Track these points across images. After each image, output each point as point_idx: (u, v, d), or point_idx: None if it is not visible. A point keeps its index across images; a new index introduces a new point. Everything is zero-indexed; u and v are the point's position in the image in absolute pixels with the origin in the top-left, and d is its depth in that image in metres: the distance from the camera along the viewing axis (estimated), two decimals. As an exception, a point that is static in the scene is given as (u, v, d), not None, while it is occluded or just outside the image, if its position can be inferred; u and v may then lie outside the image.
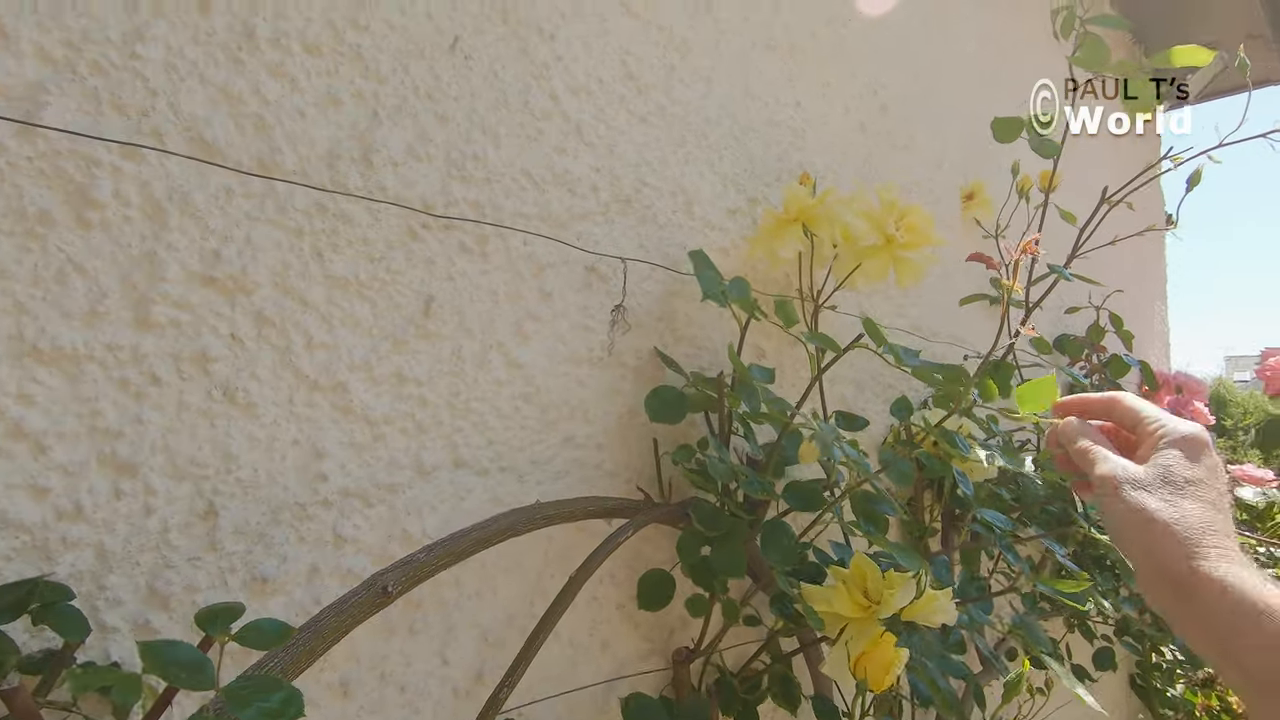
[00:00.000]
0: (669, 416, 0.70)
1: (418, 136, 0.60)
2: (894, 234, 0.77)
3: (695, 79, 0.84)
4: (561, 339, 0.69)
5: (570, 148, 0.71)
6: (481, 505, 0.63)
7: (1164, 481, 0.42)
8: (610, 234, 0.74)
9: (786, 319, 0.66)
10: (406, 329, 0.58)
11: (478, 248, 0.63)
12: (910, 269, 0.80)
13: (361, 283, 0.56)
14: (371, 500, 0.56)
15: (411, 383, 0.59)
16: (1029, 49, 1.68)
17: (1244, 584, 0.37)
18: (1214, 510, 0.41)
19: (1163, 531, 0.40)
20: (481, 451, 0.63)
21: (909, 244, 0.78)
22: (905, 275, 0.80)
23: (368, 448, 0.56)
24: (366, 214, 0.56)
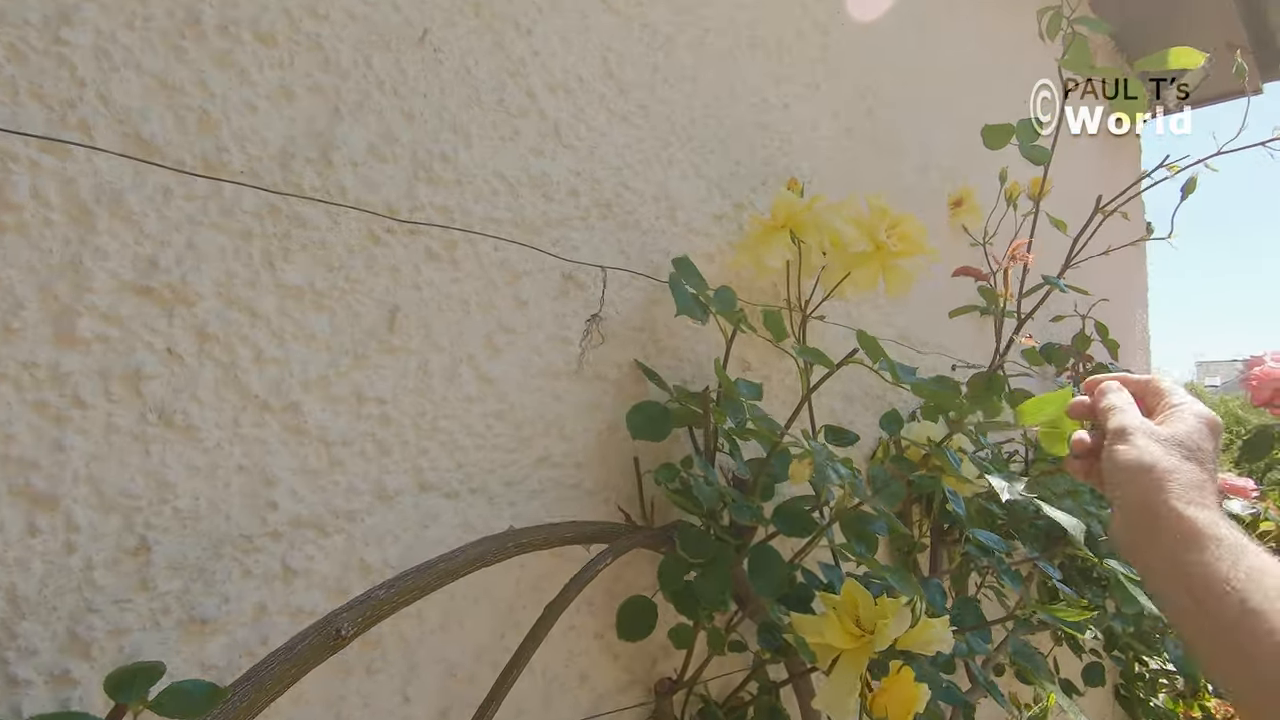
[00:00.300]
0: (652, 434, 0.66)
1: (381, 135, 0.55)
2: (885, 242, 0.74)
3: (680, 78, 0.80)
4: (537, 351, 0.65)
5: (548, 149, 0.67)
6: (450, 531, 0.58)
7: (1176, 442, 0.44)
8: (589, 240, 0.70)
9: (776, 332, 0.62)
10: (368, 342, 0.54)
11: (446, 254, 0.59)
12: (901, 278, 0.77)
13: (318, 292, 0.51)
14: (327, 529, 0.51)
15: (373, 401, 0.54)
16: (1017, 54, 1.66)
17: (1219, 528, 0.38)
18: (1209, 478, 0.43)
19: (1159, 475, 0.42)
20: (450, 473, 0.59)
21: (900, 252, 0.75)
22: (895, 284, 0.77)
23: (323, 472, 0.51)
24: (324, 217, 0.52)
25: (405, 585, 0.47)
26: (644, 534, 0.63)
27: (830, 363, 0.57)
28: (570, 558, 0.65)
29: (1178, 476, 0.41)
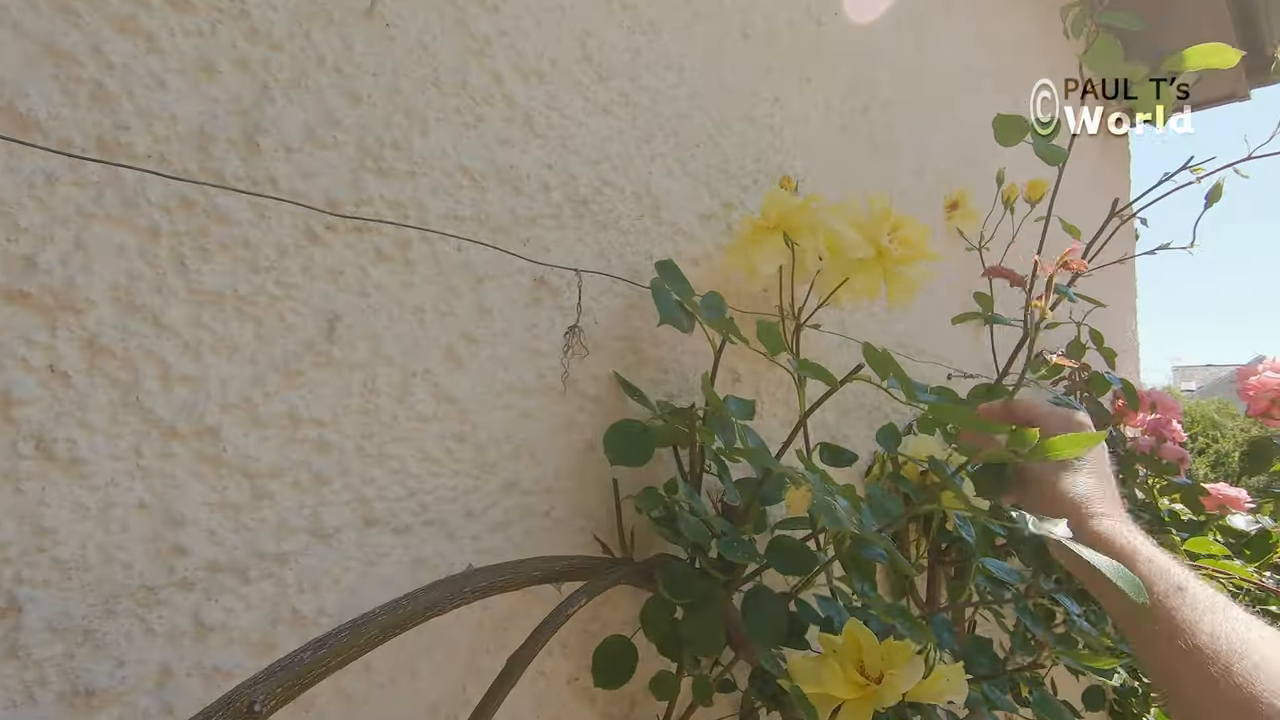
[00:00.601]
0: (632, 457, 0.59)
1: (322, 118, 0.48)
2: (887, 247, 0.68)
3: (664, 66, 0.74)
4: (503, 364, 0.58)
5: (516, 139, 0.60)
6: (400, 571, 0.51)
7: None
8: (563, 241, 0.63)
9: (771, 345, 0.56)
10: (302, 356, 0.47)
11: (399, 255, 0.52)
12: (904, 286, 0.70)
13: (242, 298, 0.44)
14: (250, 575, 0.44)
15: (309, 423, 0.47)
16: (1014, 56, 1.62)
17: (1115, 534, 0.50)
18: (1100, 482, 0.54)
19: (1061, 496, 0.53)
20: (400, 504, 0.52)
21: (903, 258, 0.69)
22: (898, 292, 0.70)
23: (246, 508, 0.44)
24: (250, 211, 0.45)
25: (338, 644, 0.40)
26: (623, 570, 0.56)
27: (833, 379, 0.50)
28: (540, 594, 0.58)
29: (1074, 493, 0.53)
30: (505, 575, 0.50)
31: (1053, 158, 0.88)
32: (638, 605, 0.67)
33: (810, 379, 0.62)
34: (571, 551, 0.62)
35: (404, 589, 0.49)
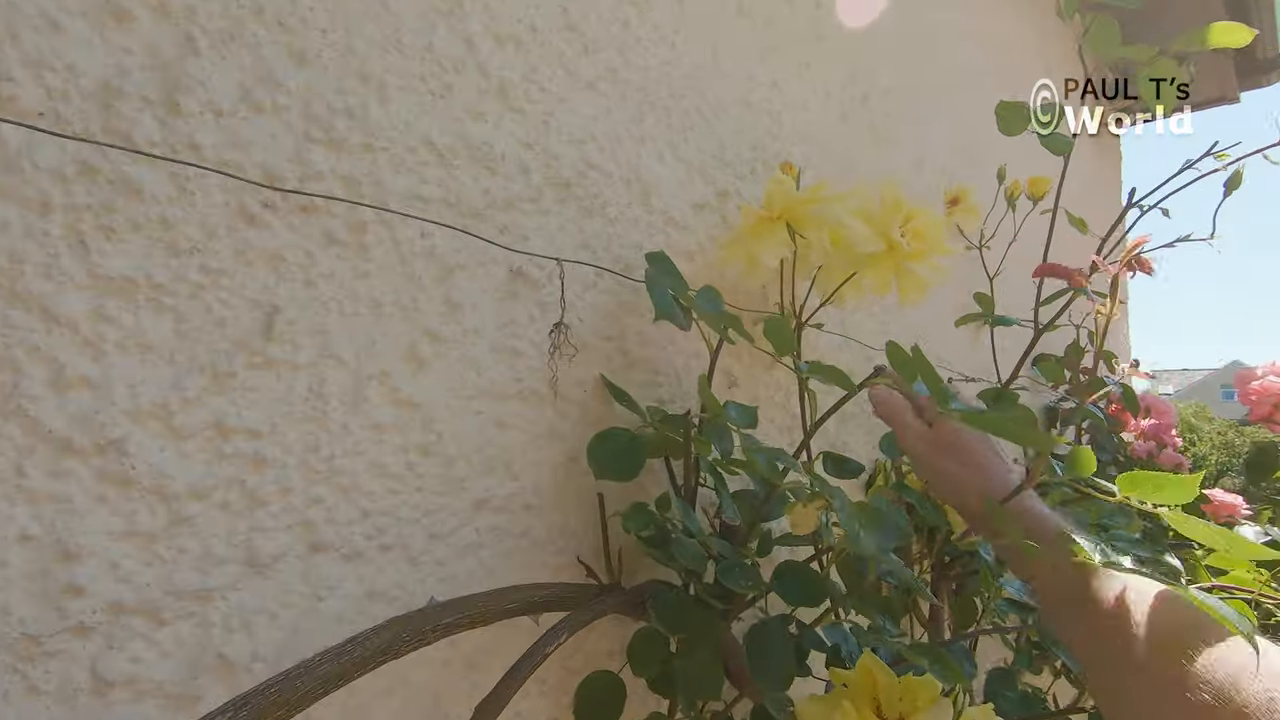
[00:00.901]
0: (620, 470, 0.52)
1: (260, 78, 0.41)
2: (899, 241, 0.62)
3: (656, 41, 0.68)
4: (475, 366, 0.52)
5: (490, 112, 0.53)
6: (351, 605, 0.44)
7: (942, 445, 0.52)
8: (544, 228, 0.57)
9: (780, 344, 0.50)
10: (234, 355, 0.40)
11: (352, 239, 0.45)
12: (915, 284, 0.64)
13: (157, 286, 0.37)
14: (166, 615, 0.37)
15: (241, 434, 0.40)
16: (1011, 53, 1.57)
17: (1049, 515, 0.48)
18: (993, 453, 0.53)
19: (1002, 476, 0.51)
20: (353, 527, 0.45)
21: (916, 253, 0.63)
22: (909, 291, 0.64)
23: (161, 536, 0.37)
24: (169, 184, 0.38)
25: (265, 703, 0.33)
26: (609, 599, 0.49)
27: (850, 383, 0.44)
28: (517, 623, 0.51)
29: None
30: (474, 609, 0.43)
31: (1059, 148, 0.83)
32: (625, 633, 0.61)
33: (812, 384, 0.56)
34: (552, 576, 0.56)
35: (356, 626, 0.43)
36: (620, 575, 0.56)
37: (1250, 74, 2.44)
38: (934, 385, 0.41)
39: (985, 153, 1.37)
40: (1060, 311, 0.82)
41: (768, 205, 0.63)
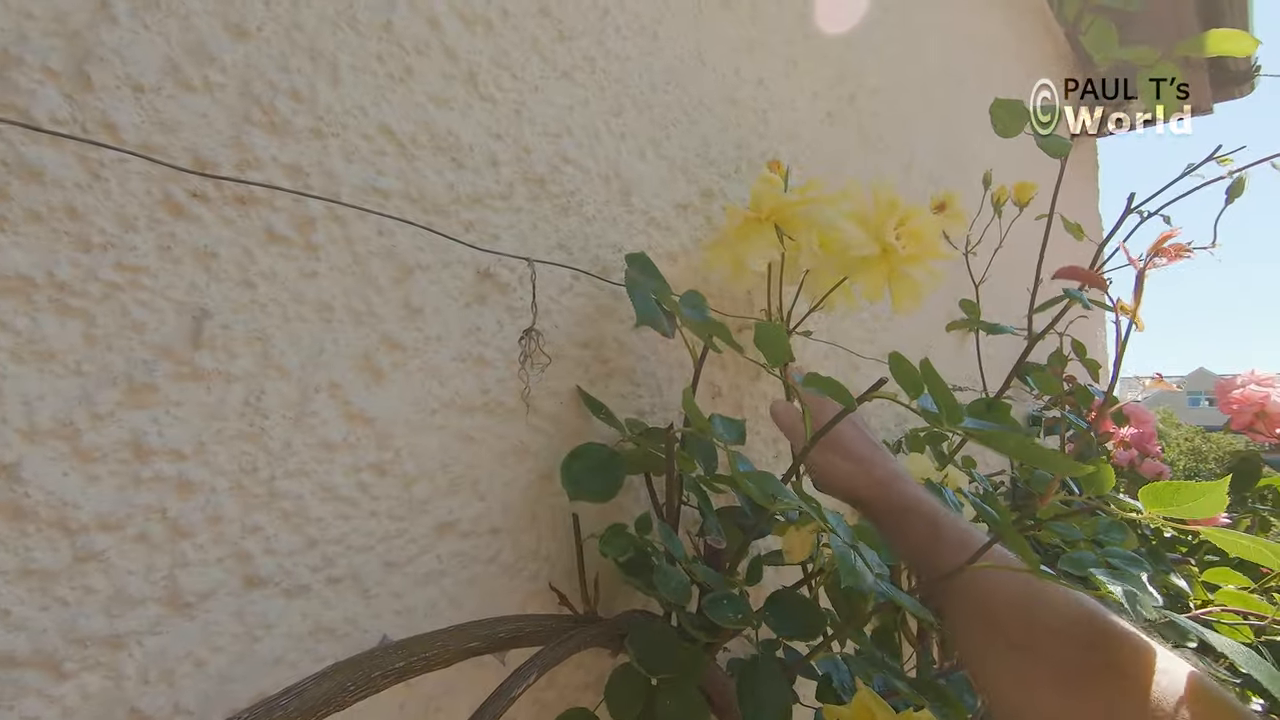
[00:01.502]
0: (597, 490, 0.48)
1: (189, 50, 0.36)
2: (894, 244, 0.58)
3: (636, 31, 0.64)
4: (438, 376, 0.47)
5: (457, 99, 0.49)
6: (292, 645, 0.39)
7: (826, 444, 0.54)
8: (515, 226, 0.52)
9: (773, 353, 0.46)
10: (155, 365, 0.35)
11: (298, 236, 0.40)
12: (910, 290, 0.61)
13: (61, 286, 0.32)
14: (68, 667, 0.32)
15: (163, 455, 0.35)
16: (996, 52, 1.56)
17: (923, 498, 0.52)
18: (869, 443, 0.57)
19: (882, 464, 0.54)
20: (296, 558, 0.40)
21: (911, 257, 0.59)
22: (904, 297, 0.61)
23: (63, 575, 0.32)
24: (79, 168, 0.33)
25: (178, 775, 0.28)
26: (584, 633, 0.45)
27: (849, 397, 0.40)
28: (480, 661, 0.46)
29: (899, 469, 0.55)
30: (430, 650, 0.39)
31: (1057, 150, 0.80)
32: (603, 665, 0.56)
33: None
34: (522, 605, 0.51)
35: (300, 669, 0.38)
36: (597, 603, 0.52)
37: (1223, 85, 2.47)
38: (943, 399, 0.38)
39: (969, 159, 1.36)
40: (1057, 318, 0.79)
41: (755, 206, 0.59)
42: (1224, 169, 0.74)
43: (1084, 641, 0.40)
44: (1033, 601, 0.42)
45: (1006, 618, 0.42)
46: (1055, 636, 0.41)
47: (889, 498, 0.53)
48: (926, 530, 0.50)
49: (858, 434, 0.57)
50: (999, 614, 0.43)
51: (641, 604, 0.59)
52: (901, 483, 0.54)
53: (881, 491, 0.53)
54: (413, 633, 0.44)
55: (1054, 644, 0.41)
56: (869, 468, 0.55)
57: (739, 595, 0.44)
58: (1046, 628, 0.41)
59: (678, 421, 0.64)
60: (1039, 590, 0.42)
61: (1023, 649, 0.42)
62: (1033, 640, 0.41)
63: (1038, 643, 0.41)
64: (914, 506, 0.52)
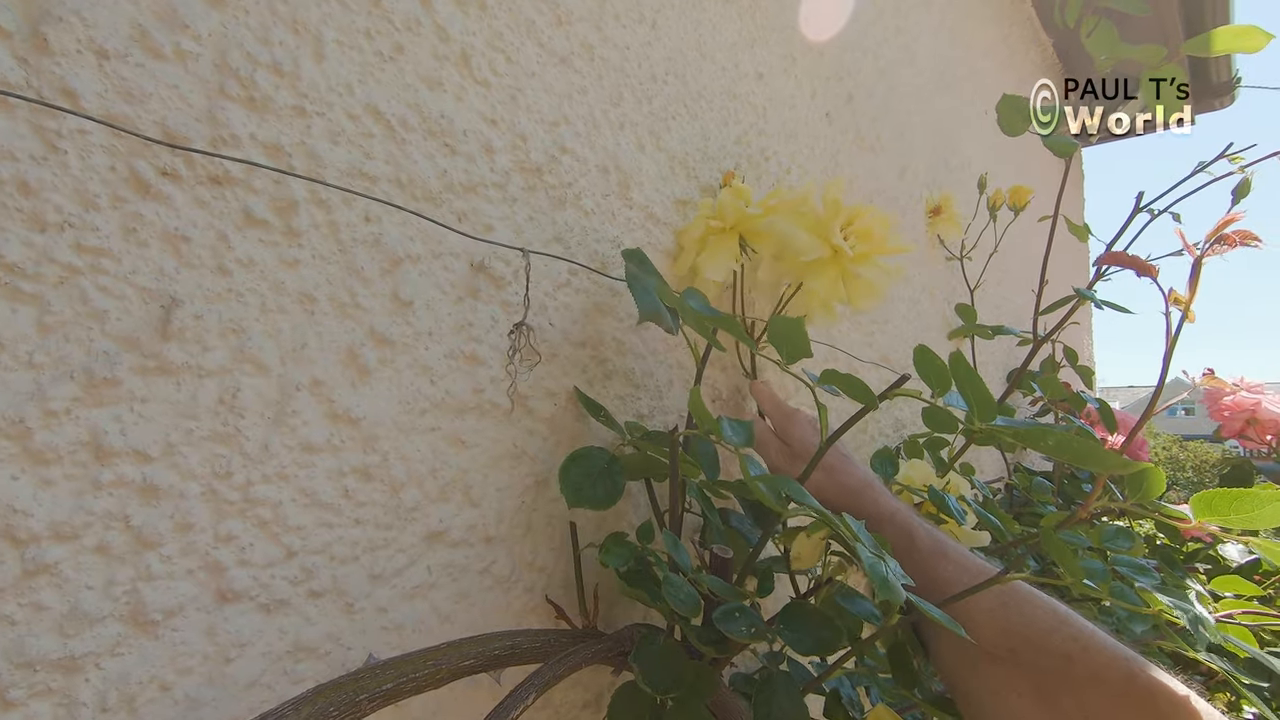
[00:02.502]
0: (598, 497, 0.45)
1: (160, 16, 0.33)
2: (841, 245, 0.56)
3: (636, 19, 0.61)
4: (429, 374, 0.44)
5: (449, 81, 0.46)
6: (269, 666, 0.36)
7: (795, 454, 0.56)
8: (511, 218, 0.49)
9: (791, 349, 0.43)
10: (118, 357, 0.32)
11: (278, 220, 0.37)
12: (865, 289, 0.59)
13: (13, 269, 0.29)
14: (15, 695, 0.28)
15: (125, 457, 0.32)
16: (987, 59, 1.56)
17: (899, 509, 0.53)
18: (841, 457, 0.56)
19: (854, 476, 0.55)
20: (274, 570, 0.36)
21: (861, 255, 0.57)
22: (859, 296, 0.59)
23: (9, 591, 0.29)
24: (33, 138, 0.30)
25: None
26: (585, 649, 0.42)
27: (871, 396, 0.38)
28: (473, 680, 0.43)
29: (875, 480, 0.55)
30: (421, 670, 0.36)
31: (1062, 150, 0.79)
32: (601, 682, 0.53)
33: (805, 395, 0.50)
34: (517, 620, 0.48)
35: (277, 692, 0.35)
36: (596, 617, 0.49)
37: (1204, 96, 2.50)
38: (975, 394, 0.35)
39: (960, 164, 1.35)
40: (1064, 320, 0.78)
41: (720, 215, 0.57)
42: (1233, 167, 0.72)
43: (1062, 652, 0.40)
44: (1009, 612, 0.43)
45: (985, 629, 0.43)
46: (1033, 647, 0.41)
47: (861, 506, 0.52)
48: (901, 540, 0.50)
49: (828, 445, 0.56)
50: (977, 626, 0.43)
51: (641, 617, 0.56)
52: (873, 491, 0.54)
53: (853, 500, 0.53)
54: (400, 650, 0.41)
55: (1033, 654, 0.41)
56: (840, 477, 0.54)
57: (750, 608, 0.41)
58: (1025, 639, 0.42)
59: (678, 425, 0.61)
60: (1014, 601, 0.43)
61: (1001, 660, 0.42)
62: (1011, 652, 0.42)
63: (1017, 653, 0.41)
64: (887, 516, 0.52)
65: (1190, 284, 0.31)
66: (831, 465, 0.55)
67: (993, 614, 0.43)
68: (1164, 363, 0.33)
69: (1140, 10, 0.78)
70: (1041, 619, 0.41)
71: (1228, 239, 0.30)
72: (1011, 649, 0.41)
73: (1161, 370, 0.34)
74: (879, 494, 0.53)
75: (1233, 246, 0.30)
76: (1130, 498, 0.35)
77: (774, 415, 0.59)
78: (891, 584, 0.31)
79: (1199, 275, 0.31)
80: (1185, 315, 0.31)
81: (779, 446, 0.57)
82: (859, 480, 0.54)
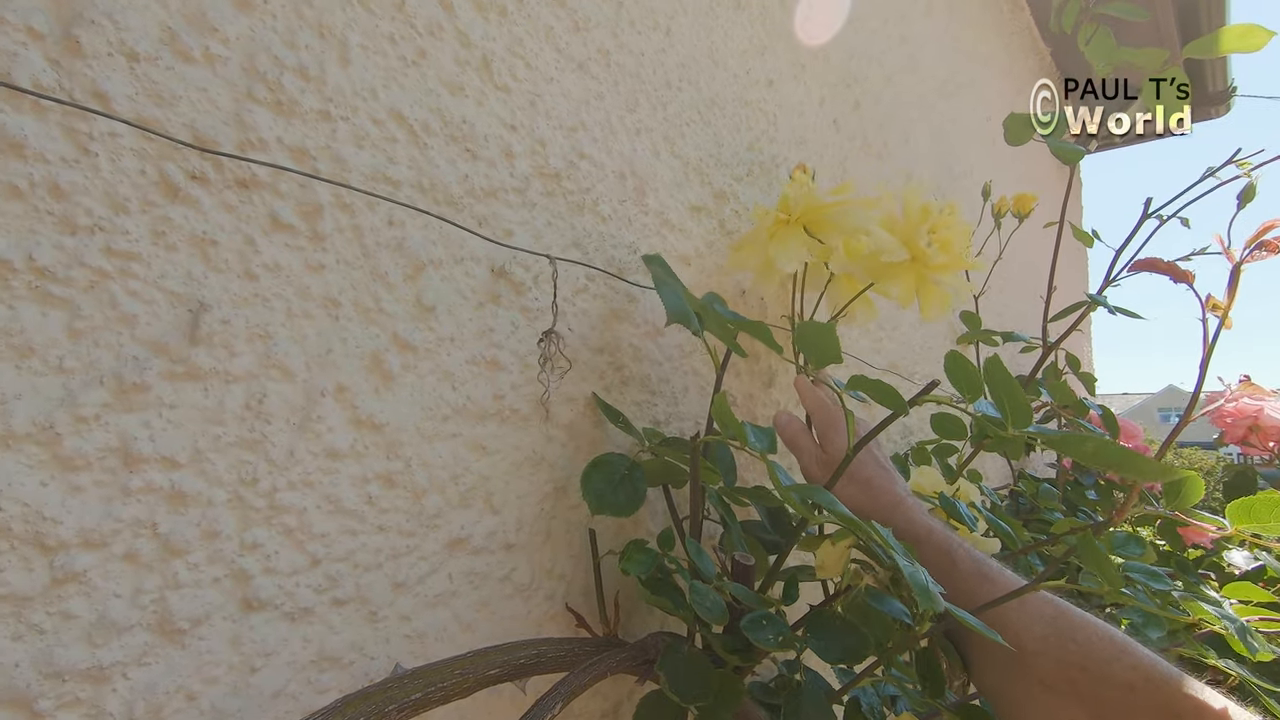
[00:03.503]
0: (620, 504, 0.45)
1: (190, 19, 0.33)
2: (926, 251, 0.56)
3: (650, 26, 0.61)
4: (451, 380, 0.44)
5: (471, 87, 0.46)
6: (294, 675, 0.36)
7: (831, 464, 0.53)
8: (530, 223, 0.49)
9: (820, 353, 0.43)
10: (148, 363, 0.31)
11: (304, 225, 0.37)
12: (939, 299, 0.59)
13: (43, 272, 0.29)
14: (43, 705, 0.28)
15: (154, 463, 0.31)
16: (989, 70, 1.57)
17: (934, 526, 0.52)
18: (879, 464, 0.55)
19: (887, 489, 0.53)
20: (299, 578, 0.36)
21: (942, 265, 0.57)
22: (932, 305, 0.59)
23: (38, 600, 0.28)
24: (65, 141, 0.29)
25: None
26: (610, 658, 0.42)
27: (901, 402, 0.38)
28: (498, 687, 0.43)
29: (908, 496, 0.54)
30: (449, 679, 0.35)
31: (1070, 157, 0.79)
32: (620, 691, 0.53)
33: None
34: (538, 628, 0.48)
35: (302, 702, 0.34)
36: (617, 625, 0.48)
37: (1201, 104, 2.52)
38: (1010, 400, 0.35)
39: (963, 171, 1.35)
40: (1074, 325, 0.78)
41: (784, 207, 0.56)
42: (1240, 171, 0.73)
43: (1124, 682, 0.39)
44: (1064, 641, 0.42)
45: (1039, 657, 0.42)
46: (1093, 678, 0.40)
47: (895, 524, 0.51)
48: (941, 560, 0.48)
49: (866, 456, 0.55)
50: (1031, 655, 0.42)
51: (659, 625, 0.55)
52: (907, 509, 0.52)
53: (886, 518, 0.51)
54: (422, 659, 0.40)
55: (1093, 685, 0.40)
56: (874, 493, 0.52)
57: (778, 616, 0.41)
58: (1083, 669, 0.40)
59: (698, 431, 0.61)
60: (1068, 628, 0.42)
61: (1058, 691, 0.41)
62: (1070, 683, 0.41)
63: (1076, 684, 0.40)
64: (924, 537, 0.50)
65: (1229, 290, 0.31)
66: (868, 479, 0.53)
67: (1046, 642, 0.41)
68: (1200, 370, 0.33)
69: (1137, 16, 0.78)
70: (1099, 648, 0.40)
71: (1269, 245, 0.30)
72: (1070, 680, 0.40)
73: (1199, 377, 0.34)
74: (913, 512, 0.52)
75: (1275, 252, 0.30)
76: (1167, 505, 0.34)
77: (817, 415, 0.56)
78: (931, 592, 0.31)
79: (1238, 281, 0.31)
80: (1223, 321, 0.31)
81: (815, 452, 0.55)
82: (894, 497, 0.52)
